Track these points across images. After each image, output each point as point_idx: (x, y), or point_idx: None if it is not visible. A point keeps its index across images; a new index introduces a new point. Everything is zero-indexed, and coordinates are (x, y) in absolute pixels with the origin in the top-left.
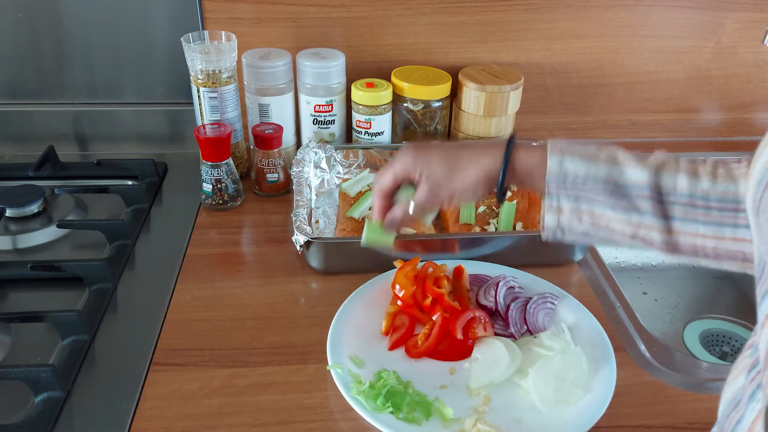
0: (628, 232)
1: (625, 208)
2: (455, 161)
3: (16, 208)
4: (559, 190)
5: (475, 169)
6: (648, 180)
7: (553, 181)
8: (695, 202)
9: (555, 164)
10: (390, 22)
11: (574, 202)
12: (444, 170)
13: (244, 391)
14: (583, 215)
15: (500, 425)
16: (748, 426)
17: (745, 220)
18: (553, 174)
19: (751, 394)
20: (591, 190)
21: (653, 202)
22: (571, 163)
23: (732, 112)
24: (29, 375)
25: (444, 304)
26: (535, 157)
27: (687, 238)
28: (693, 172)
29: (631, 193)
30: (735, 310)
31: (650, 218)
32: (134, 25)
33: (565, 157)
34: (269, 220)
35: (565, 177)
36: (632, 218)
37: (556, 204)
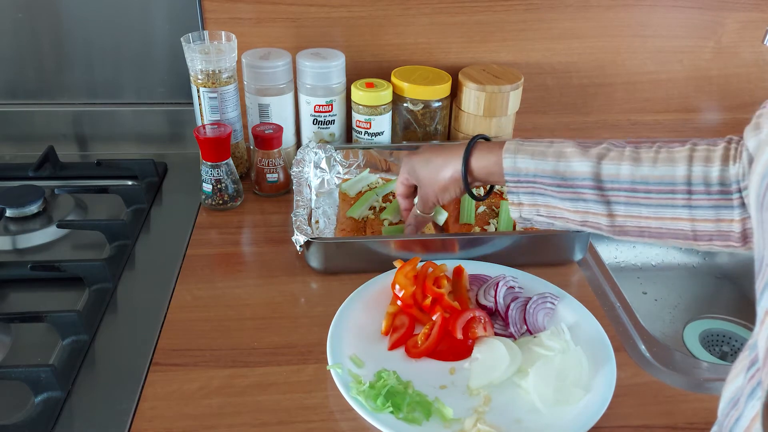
0: (578, 219)
1: (571, 198)
2: (433, 167)
3: (16, 208)
4: (516, 187)
5: (445, 172)
6: (590, 170)
7: (510, 179)
8: (636, 187)
9: (509, 163)
10: (390, 22)
11: (530, 197)
12: (427, 175)
13: (244, 391)
14: (540, 208)
15: (500, 425)
16: (747, 424)
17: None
18: (509, 172)
19: (750, 392)
20: (542, 183)
21: (596, 191)
22: (523, 161)
23: (732, 112)
24: (29, 375)
25: (444, 304)
26: (491, 158)
27: (632, 221)
28: (635, 159)
29: (576, 184)
30: (735, 310)
31: (594, 205)
32: (134, 25)
33: (517, 156)
34: (269, 220)
35: (518, 174)
36: (579, 206)
37: (516, 200)
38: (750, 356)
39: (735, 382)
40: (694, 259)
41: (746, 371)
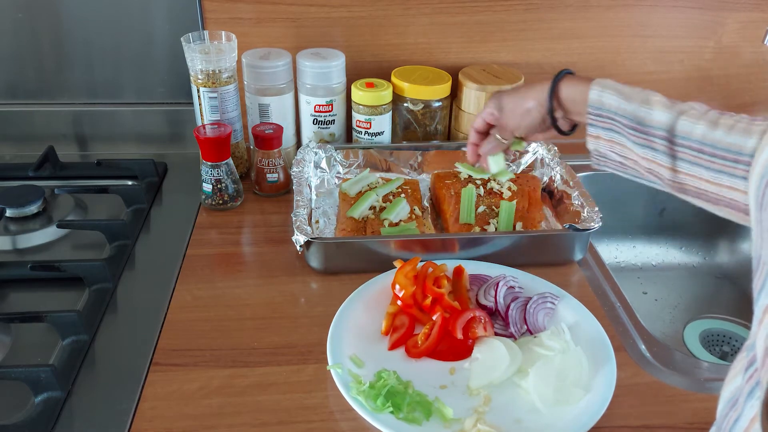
0: (645, 166)
1: (643, 144)
2: (519, 93)
3: (16, 208)
4: (596, 120)
5: (531, 94)
6: (667, 122)
7: (593, 111)
8: (704, 148)
9: (595, 95)
10: (390, 22)
11: (608, 133)
12: (511, 100)
13: (244, 391)
14: (615, 145)
15: (500, 425)
16: (746, 424)
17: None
18: (593, 105)
19: (749, 392)
20: (620, 123)
21: (666, 143)
22: (609, 97)
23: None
24: (29, 375)
25: (444, 304)
26: (579, 87)
27: (692, 181)
28: (713, 122)
29: (651, 132)
30: (735, 310)
31: (662, 156)
32: (134, 25)
33: (605, 91)
34: (269, 220)
35: (601, 108)
36: (648, 154)
37: (594, 132)
38: (748, 356)
39: (733, 382)
40: (694, 259)
41: (744, 371)
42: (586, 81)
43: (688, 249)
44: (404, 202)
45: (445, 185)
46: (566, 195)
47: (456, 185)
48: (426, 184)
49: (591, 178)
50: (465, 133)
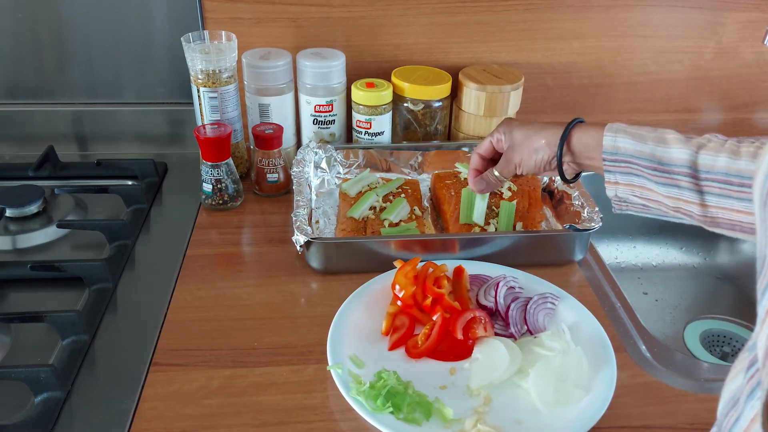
0: (672, 205)
1: (666, 183)
2: (531, 128)
3: (16, 208)
4: (614, 166)
5: (542, 134)
6: (688, 158)
7: (608, 157)
8: (731, 179)
9: (609, 141)
10: (390, 22)
11: (627, 177)
12: (522, 135)
13: (244, 391)
14: (636, 189)
15: (500, 426)
16: (746, 424)
17: None
18: (608, 150)
19: (750, 392)
20: (639, 165)
21: (690, 179)
22: (623, 141)
23: (732, 112)
24: (29, 375)
25: (444, 304)
26: (592, 135)
27: (724, 213)
28: (734, 152)
29: (672, 170)
30: (735, 310)
31: (688, 193)
32: (134, 25)
33: (618, 135)
34: (269, 220)
35: (617, 153)
36: (672, 192)
37: (613, 178)
38: (749, 356)
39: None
40: (695, 259)
41: (746, 371)
42: (599, 127)
43: (689, 249)
44: (404, 202)
45: (445, 185)
46: (566, 195)
47: (456, 185)
48: (426, 184)
49: (591, 178)
50: (465, 134)
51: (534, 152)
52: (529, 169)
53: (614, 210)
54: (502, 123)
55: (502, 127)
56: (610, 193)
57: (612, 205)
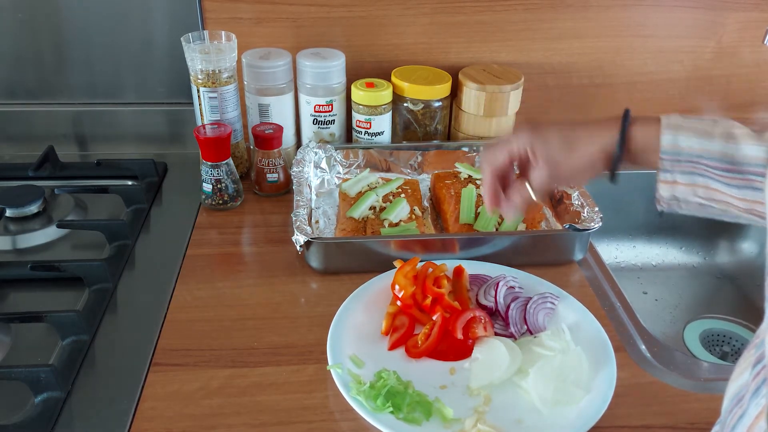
0: (744, 207)
1: (740, 185)
2: (572, 140)
3: (16, 208)
4: (674, 166)
5: (592, 146)
6: (765, 157)
7: (667, 157)
8: None
9: (669, 140)
10: (390, 22)
11: (689, 177)
12: (562, 149)
13: (244, 391)
14: (699, 189)
15: (500, 425)
16: (751, 421)
17: None
18: (668, 150)
19: (755, 389)
20: (706, 165)
21: None
22: (686, 140)
23: (732, 112)
24: (29, 375)
25: (444, 304)
26: (648, 133)
27: None
28: None
29: (747, 170)
30: (735, 310)
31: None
32: (134, 25)
33: (679, 133)
34: (269, 220)
35: (679, 153)
36: (747, 195)
37: (671, 178)
38: (756, 353)
39: (740, 379)
40: (695, 259)
41: (752, 368)
42: (654, 123)
43: (688, 249)
44: (404, 202)
45: (445, 185)
46: (566, 195)
47: (456, 185)
48: (426, 184)
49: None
50: (465, 133)
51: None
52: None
53: (661, 208)
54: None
55: (525, 134)
56: (664, 192)
57: (660, 204)
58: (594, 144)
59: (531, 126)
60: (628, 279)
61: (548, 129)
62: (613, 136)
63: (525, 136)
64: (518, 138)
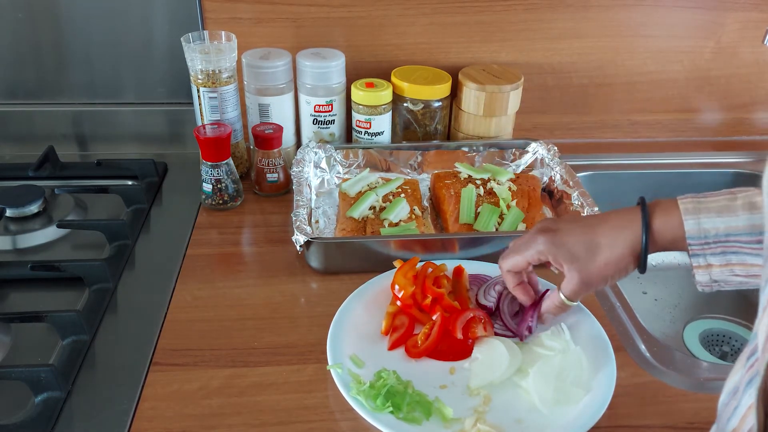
0: None
1: None
2: (595, 246)
3: (16, 208)
4: (704, 249)
5: (618, 249)
6: None
7: (695, 242)
8: None
9: (693, 226)
10: (390, 22)
11: (722, 258)
12: (587, 257)
13: (244, 391)
14: (735, 267)
15: (500, 425)
16: (744, 412)
17: None
18: (693, 235)
19: (749, 381)
20: (737, 241)
21: None
22: (709, 221)
23: (732, 112)
24: (29, 375)
25: (444, 304)
26: (671, 223)
27: None
28: None
29: None
30: (735, 310)
31: None
32: (134, 25)
33: (701, 216)
34: (269, 220)
35: (706, 236)
36: None
37: (703, 262)
38: (751, 345)
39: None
40: None
41: (746, 361)
42: (674, 210)
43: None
44: (404, 202)
45: (445, 185)
46: (566, 195)
47: (456, 185)
48: (426, 184)
49: (591, 178)
50: (465, 133)
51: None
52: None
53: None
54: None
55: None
56: (702, 278)
57: (699, 287)
58: (618, 246)
59: (549, 236)
60: (628, 279)
61: (567, 236)
62: (637, 234)
63: (544, 248)
64: (537, 248)
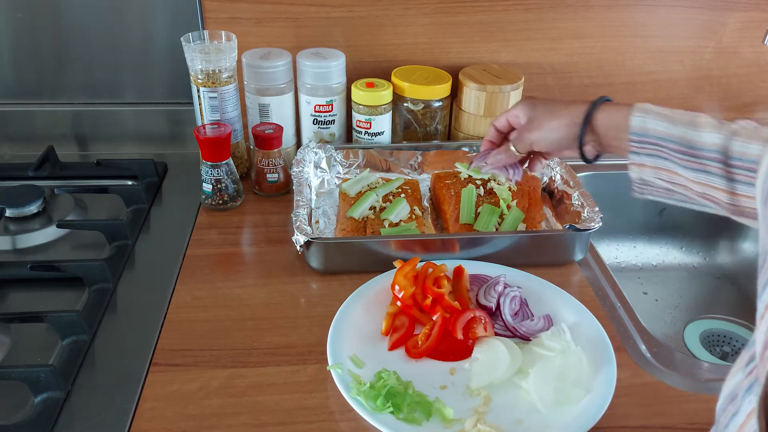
0: (699, 190)
1: (695, 168)
2: (554, 110)
3: (16, 208)
4: (641, 147)
5: (565, 113)
6: (720, 143)
7: (635, 138)
8: None
9: (638, 122)
10: (390, 22)
11: (654, 159)
12: (544, 115)
13: (244, 392)
14: (662, 172)
15: (501, 425)
16: (743, 419)
17: None
18: (636, 131)
19: (748, 387)
20: (668, 148)
21: (721, 165)
22: (653, 122)
23: (733, 112)
24: (29, 375)
25: (444, 304)
26: (618, 115)
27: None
28: None
29: (703, 155)
30: (735, 310)
31: (717, 179)
32: (134, 25)
33: (648, 116)
34: (269, 220)
35: (646, 135)
36: (701, 178)
37: (639, 160)
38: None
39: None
40: (695, 259)
41: (744, 367)
42: (626, 107)
43: (689, 249)
44: (404, 202)
45: (445, 185)
46: (566, 195)
47: (456, 185)
48: (426, 184)
49: (591, 178)
50: (465, 133)
51: (555, 130)
52: (548, 147)
53: (634, 193)
54: (524, 100)
55: (523, 104)
56: (634, 175)
57: (633, 188)
58: (568, 116)
59: (529, 99)
60: (628, 279)
61: (540, 100)
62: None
63: (520, 105)
64: (516, 107)
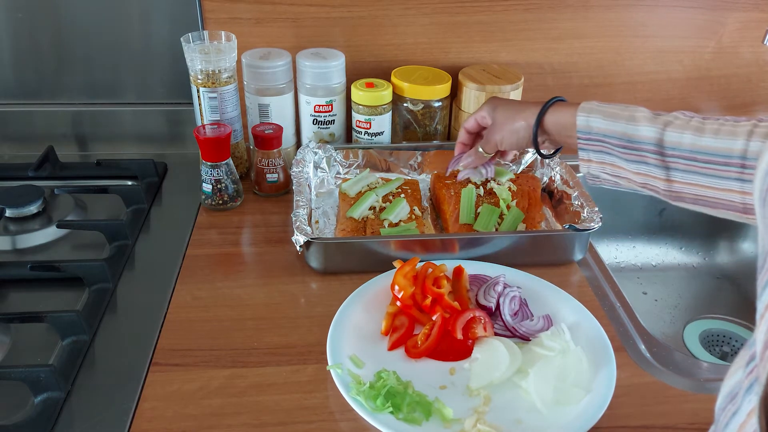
0: (639, 181)
1: (635, 160)
2: (516, 111)
3: (16, 208)
4: (587, 144)
5: (522, 115)
6: (655, 136)
7: (582, 136)
8: (696, 156)
9: (583, 121)
10: (390, 22)
11: (599, 155)
12: (504, 114)
13: (244, 392)
14: (607, 166)
15: (500, 425)
16: (743, 419)
17: (736, 173)
18: (582, 130)
19: (748, 387)
20: (610, 144)
21: (657, 156)
22: (595, 121)
23: (732, 112)
24: (29, 375)
25: (444, 304)
26: (566, 115)
27: (689, 188)
28: (699, 129)
29: (640, 147)
30: (735, 310)
31: (655, 169)
32: (134, 25)
33: (591, 115)
34: (269, 220)
35: (590, 132)
36: (641, 169)
37: (586, 156)
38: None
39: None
40: (694, 259)
41: (745, 366)
42: (573, 107)
43: (688, 249)
44: (404, 202)
45: (445, 185)
46: (566, 195)
47: (456, 185)
48: (426, 184)
49: None
50: None
51: (515, 132)
52: (510, 146)
53: (589, 184)
54: (488, 101)
55: (487, 106)
56: (583, 170)
57: (586, 179)
58: (522, 119)
59: (492, 100)
60: (627, 279)
61: (501, 102)
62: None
63: (485, 107)
64: (482, 108)
